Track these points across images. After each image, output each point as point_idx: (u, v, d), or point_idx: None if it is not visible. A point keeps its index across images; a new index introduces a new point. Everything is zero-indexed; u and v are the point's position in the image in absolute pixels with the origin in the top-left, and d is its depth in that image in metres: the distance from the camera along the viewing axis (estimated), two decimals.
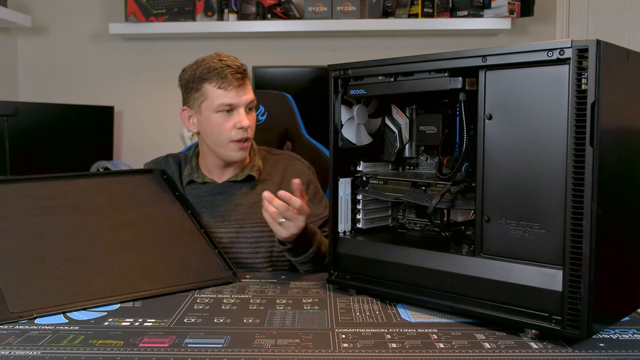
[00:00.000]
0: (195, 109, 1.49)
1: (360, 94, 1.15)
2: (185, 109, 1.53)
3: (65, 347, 0.89)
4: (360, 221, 1.24)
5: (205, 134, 1.50)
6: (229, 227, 1.50)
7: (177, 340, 0.92)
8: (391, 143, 1.26)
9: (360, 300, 1.14)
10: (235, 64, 1.47)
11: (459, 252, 1.05)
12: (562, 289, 0.88)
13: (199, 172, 1.56)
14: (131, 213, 1.35)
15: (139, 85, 3.07)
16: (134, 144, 3.10)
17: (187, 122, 1.53)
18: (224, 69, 1.44)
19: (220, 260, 1.30)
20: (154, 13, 2.84)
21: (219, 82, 1.44)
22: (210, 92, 1.45)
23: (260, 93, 2.28)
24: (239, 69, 1.46)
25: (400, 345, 0.90)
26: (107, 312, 1.07)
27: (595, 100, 0.84)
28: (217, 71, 1.44)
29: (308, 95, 2.72)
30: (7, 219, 1.22)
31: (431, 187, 1.13)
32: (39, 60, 3.07)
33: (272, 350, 0.88)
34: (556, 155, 0.89)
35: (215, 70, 1.44)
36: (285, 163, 1.61)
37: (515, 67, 0.93)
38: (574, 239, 0.86)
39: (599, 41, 0.84)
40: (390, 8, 2.84)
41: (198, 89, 1.47)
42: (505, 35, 2.96)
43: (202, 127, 1.50)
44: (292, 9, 2.87)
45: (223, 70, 1.44)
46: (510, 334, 0.95)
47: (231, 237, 1.49)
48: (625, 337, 0.94)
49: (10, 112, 2.46)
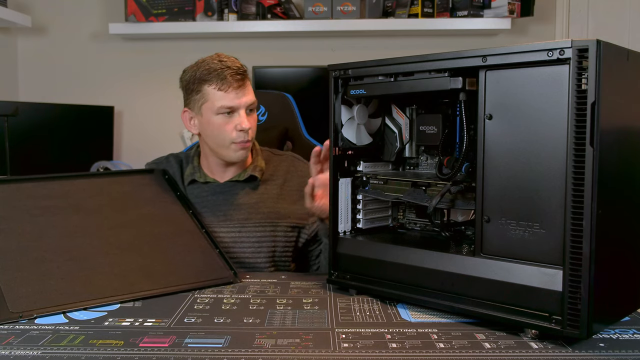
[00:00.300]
0: (196, 110, 1.49)
1: (360, 94, 1.15)
2: (186, 110, 1.53)
3: (66, 347, 0.89)
4: (360, 221, 1.24)
5: (207, 135, 1.50)
6: (231, 227, 1.50)
7: (177, 340, 0.92)
8: (391, 143, 1.26)
9: (360, 300, 1.14)
10: (235, 64, 1.46)
11: (459, 252, 1.05)
12: (562, 289, 0.88)
13: (200, 171, 1.56)
14: (131, 213, 1.35)
15: (139, 85, 3.07)
16: (134, 144, 3.10)
17: (188, 124, 1.53)
18: (223, 70, 1.43)
19: (221, 260, 1.30)
20: (154, 13, 2.84)
21: (218, 84, 1.43)
22: (210, 94, 1.45)
23: (261, 93, 2.28)
24: (238, 70, 1.45)
25: (400, 345, 0.90)
26: (107, 312, 1.07)
27: (595, 100, 0.84)
28: (216, 72, 1.43)
29: (308, 95, 2.73)
30: (8, 219, 1.23)
31: (431, 187, 1.13)
32: (39, 60, 3.07)
33: (272, 350, 0.88)
34: (556, 155, 0.89)
35: (215, 72, 1.43)
36: (288, 164, 1.61)
37: (515, 67, 0.93)
38: (574, 239, 0.87)
39: (599, 41, 0.84)
40: (390, 8, 2.85)
41: (198, 91, 1.46)
42: (505, 35, 2.97)
43: (203, 129, 1.50)
44: (292, 9, 2.87)
45: (223, 71, 1.43)
46: (510, 334, 0.95)
47: (233, 236, 1.49)
48: (625, 337, 0.94)
49: (10, 112, 2.46)
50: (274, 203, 1.53)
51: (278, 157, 1.63)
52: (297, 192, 1.55)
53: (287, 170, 1.59)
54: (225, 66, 1.44)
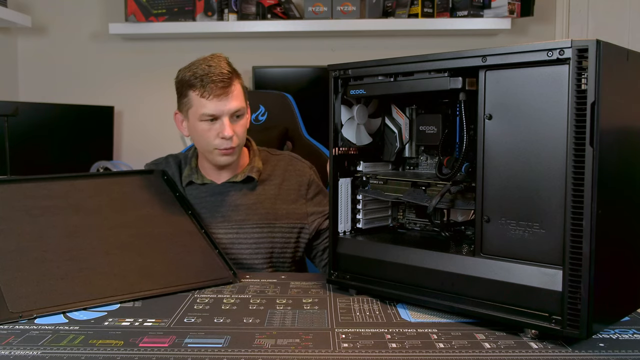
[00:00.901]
0: (184, 114, 1.49)
1: (360, 94, 1.15)
2: (177, 112, 1.53)
3: (65, 347, 0.89)
4: (360, 221, 1.24)
5: (194, 139, 1.51)
6: (229, 228, 1.50)
7: (177, 340, 0.92)
8: (391, 143, 1.26)
9: (360, 300, 1.14)
10: (220, 70, 1.41)
11: (459, 252, 1.05)
12: (562, 289, 0.88)
13: (198, 173, 1.56)
14: (131, 213, 1.35)
15: (139, 85, 3.07)
16: (134, 144, 3.10)
17: (180, 126, 1.54)
18: (207, 76, 1.40)
19: (221, 260, 1.30)
20: (154, 13, 2.84)
21: (201, 91, 1.41)
22: (195, 100, 1.43)
23: (261, 93, 2.28)
24: (223, 77, 1.40)
25: (400, 345, 0.90)
26: (107, 312, 1.07)
27: (595, 100, 0.84)
28: (200, 78, 1.40)
29: (308, 95, 2.72)
30: (8, 219, 1.23)
31: (431, 187, 1.13)
32: (39, 60, 3.07)
33: (272, 350, 0.88)
34: (556, 155, 0.89)
35: (199, 78, 1.40)
36: (286, 163, 1.61)
37: (515, 67, 0.93)
38: (574, 239, 0.86)
39: (599, 41, 0.84)
40: (390, 8, 2.84)
41: (185, 95, 1.45)
42: (505, 35, 2.97)
43: (191, 133, 1.50)
44: (292, 9, 2.87)
45: (206, 77, 1.40)
46: (510, 334, 0.95)
47: (231, 237, 1.49)
48: (625, 337, 0.94)
49: (10, 112, 2.46)
50: (272, 204, 1.52)
51: (276, 157, 1.63)
52: (295, 192, 1.55)
53: (285, 169, 1.59)
54: (210, 72, 1.40)
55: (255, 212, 1.50)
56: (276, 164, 1.61)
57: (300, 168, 1.60)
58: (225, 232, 1.49)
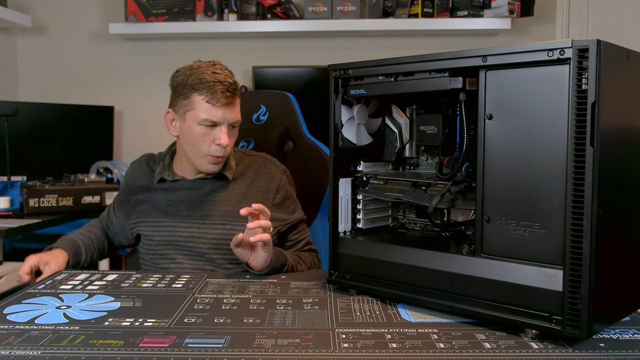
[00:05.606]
0: (180, 115, 1.49)
1: (360, 94, 1.15)
2: (169, 111, 1.53)
3: (66, 347, 0.89)
4: (361, 221, 1.24)
5: (185, 141, 1.51)
6: (191, 222, 1.49)
7: (177, 340, 0.92)
8: (391, 143, 1.26)
9: (360, 300, 1.14)
10: (227, 80, 1.45)
11: (459, 252, 1.05)
12: (562, 289, 0.88)
13: (170, 170, 1.57)
14: None
15: (139, 85, 3.07)
16: (134, 144, 3.10)
17: (169, 124, 1.54)
18: (215, 84, 1.42)
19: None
20: (154, 13, 2.84)
21: (208, 96, 1.42)
22: (198, 104, 1.44)
23: (262, 93, 2.28)
24: (230, 87, 1.44)
25: (400, 345, 0.90)
26: (107, 312, 1.07)
27: (595, 100, 0.84)
28: (208, 84, 1.42)
29: (308, 96, 2.72)
30: None
31: (431, 187, 1.13)
32: (39, 60, 3.07)
33: (272, 350, 0.88)
34: (556, 155, 0.89)
35: (207, 84, 1.42)
36: (259, 165, 1.60)
37: (516, 67, 0.93)
38: (574, 239, 0.86)
39: (599, 41, 0.84)
40: (390, 8, 2.85)
41: (187, 97, 1.46)
42: (505, 35, 2.97)
43: (183, 134, 1.50)
44: (292, 9, 2.87)
45: (215, 85, 1.42)
46: (511, 334, 0.95)
47: (192, 232, 1.49)
48: (625, 337, 0.94)
49: (10, 112, 2.46)
50: (237, 202, 1.51)
51: (250, 158, 1.62)
52: (263, 194, 1.54)
53: (257, 171, 1.58)
54: (218, 80, 1.43)
55: (219, 209, 1.50)
56: (249, 164, 1.60)
57: (272, 171, 1.59)
58: (188, 226, 1.49)
